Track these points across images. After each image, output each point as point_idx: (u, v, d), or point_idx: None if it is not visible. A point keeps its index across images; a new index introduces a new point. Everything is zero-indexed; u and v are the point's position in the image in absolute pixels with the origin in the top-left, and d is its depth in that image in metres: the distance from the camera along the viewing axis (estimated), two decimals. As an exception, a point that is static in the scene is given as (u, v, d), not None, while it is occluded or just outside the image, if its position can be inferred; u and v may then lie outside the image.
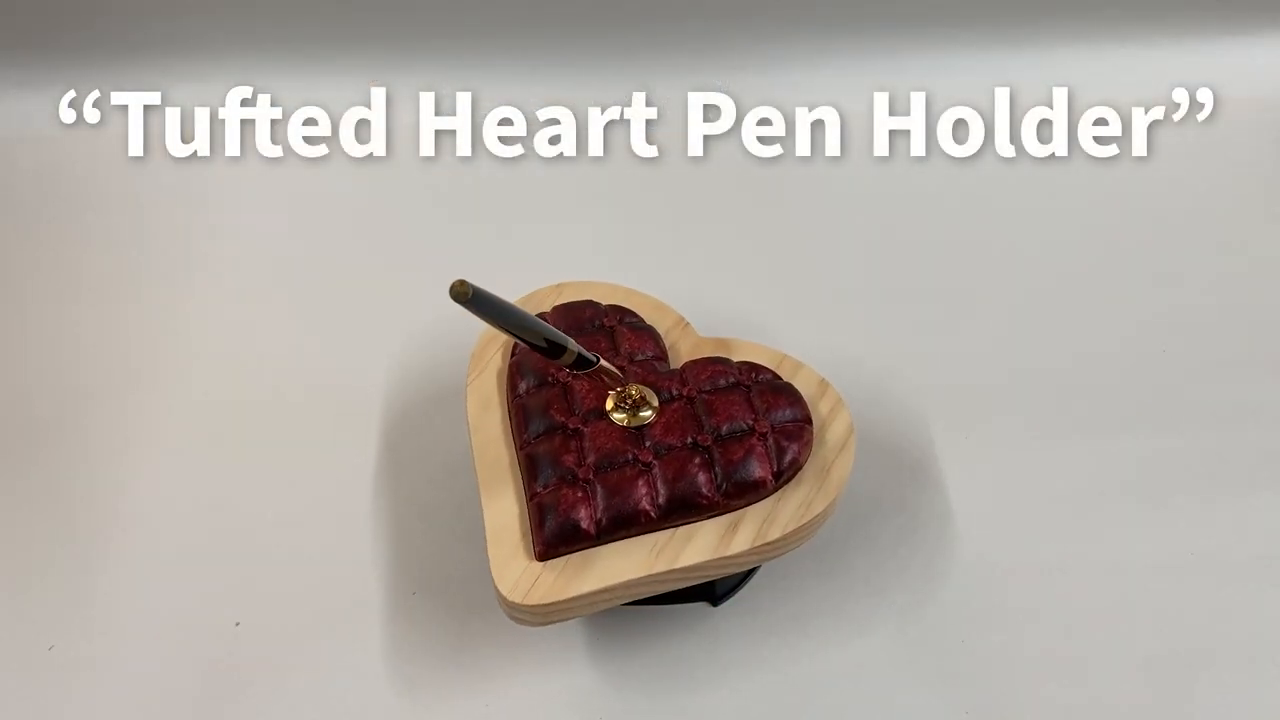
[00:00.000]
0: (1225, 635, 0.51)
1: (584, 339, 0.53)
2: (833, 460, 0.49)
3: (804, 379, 0.52)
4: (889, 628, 0.52)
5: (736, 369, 0.51)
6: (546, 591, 0.44)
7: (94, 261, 0.73)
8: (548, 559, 0.45)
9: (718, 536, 0.46)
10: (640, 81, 0.82)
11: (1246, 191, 0.76)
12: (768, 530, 0.46)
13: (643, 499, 0.46)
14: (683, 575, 0.46)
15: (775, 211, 0.76)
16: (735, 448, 0.48)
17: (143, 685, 0.50)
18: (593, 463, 0.48)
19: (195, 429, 0.62)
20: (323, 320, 0.68)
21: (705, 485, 0.47)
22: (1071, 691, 0.49)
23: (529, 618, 0.45)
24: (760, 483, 0.47)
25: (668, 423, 0.49)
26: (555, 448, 0.48)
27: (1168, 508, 0.57)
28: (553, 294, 0.57)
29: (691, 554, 0.46)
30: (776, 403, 0.49)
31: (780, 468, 0.48)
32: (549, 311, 0.56)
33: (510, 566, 0.45)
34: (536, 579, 0.45)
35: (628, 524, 0.46)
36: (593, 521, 0.46)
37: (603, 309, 0.55)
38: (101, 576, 0.55)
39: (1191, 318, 0.67)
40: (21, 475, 0.59)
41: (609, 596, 0.45)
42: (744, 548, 0.46)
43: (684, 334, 0.55)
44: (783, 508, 0.47)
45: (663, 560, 0.45)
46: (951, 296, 0.69)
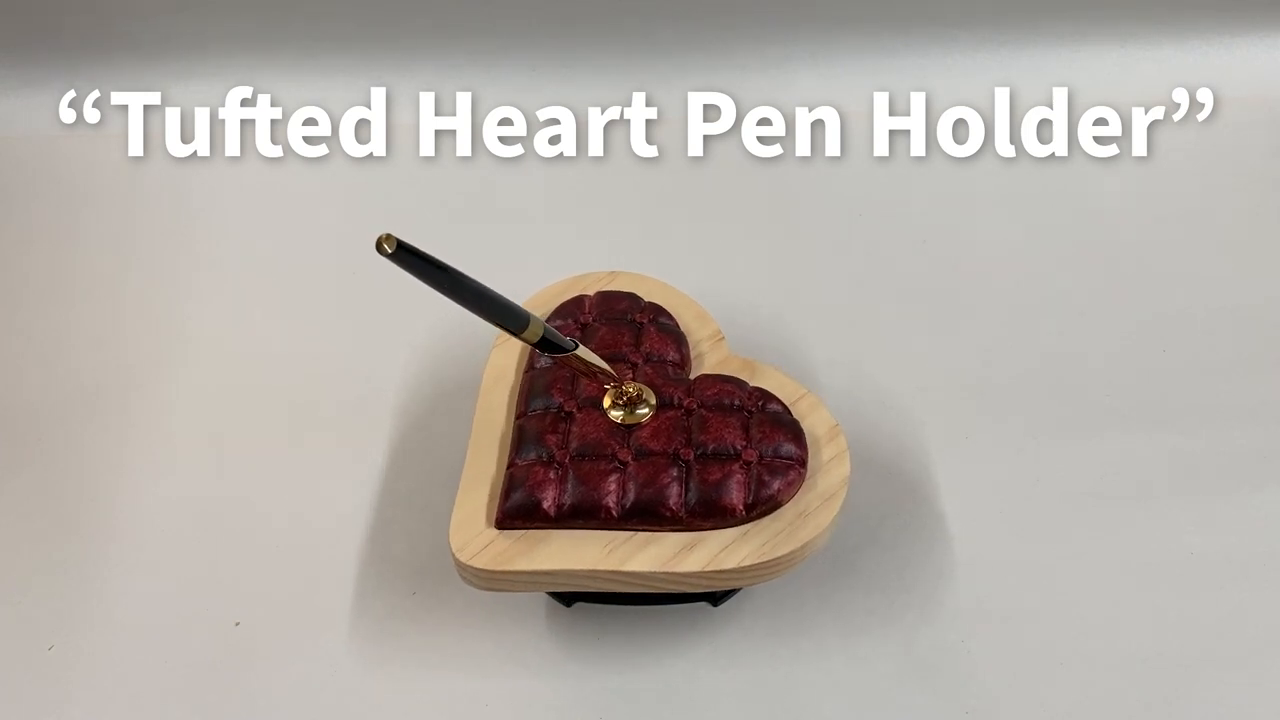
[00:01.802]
0: (1225, 635, 0.51)
1: (609, 328, 0.53)
2: (815, 508, 0.47)
3: (817, 420, 0.50)
4: (889, 628, 0.52)
5: (746, 393, 0.50)
6: (492, 559, 0.45)
7: (94, 261, 0.73)
8: (504, 529, 0.47)
9: (673, 552, 0.46)
10: (640, 81, 0.82)
11: (1246, 191, 0.76)
12: (724, 559, 0.45)
13: (608, 495, 0.46)
14: (628, 580, 0.46)
15: (775, 211, 0.76)
16: (714, 469, 0.47)
17: (143, 685, 0.50)
18: (573, 449, 0.48)
19: (195, 429, 0.62)
20: (323, 320, 0.68)
21: (673, 498, 0.46)
22: (1072, 691, 0.49)
23: (474, 580, 0.46)
24: (729, 509, 0.46)
25: (657, 428, 0.48)
26: (544, 426, 0.49)
27: (1168, 508, 0.56)
28: (604, 279, 0.57)
29: (641, 561, 0.45)
30: (773, 436, 0.48)
31: (755, 500, 0.46)
32: (591, 295, 0.56)
33: (467, 526, 0.47)
34: (488, 545, 0.46)
35: (587, 515, 0.46)
36: (555, 504, 0.47)
37: (640, 304, 0.55)
38: (101, 576, 0.55)
39: (1191, 318, 0.67)
40: (22, 475, 0.59)
41: (553, 581, 0.46)
42: (695, 569, 0.45)
43: (714, 347, 0.55)
44: (746, 541, 0.46)
45: (612, 559, 0.45)
46: (951, 296, 0.69)
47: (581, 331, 0.54)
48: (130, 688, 0.50)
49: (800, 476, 0.47)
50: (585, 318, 0.55)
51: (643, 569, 0.45)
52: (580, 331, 0.54)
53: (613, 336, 0.53)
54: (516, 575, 0.45)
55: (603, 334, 0.53)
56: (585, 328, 0.54)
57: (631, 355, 0.52)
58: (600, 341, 0.53)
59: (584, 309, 0.55)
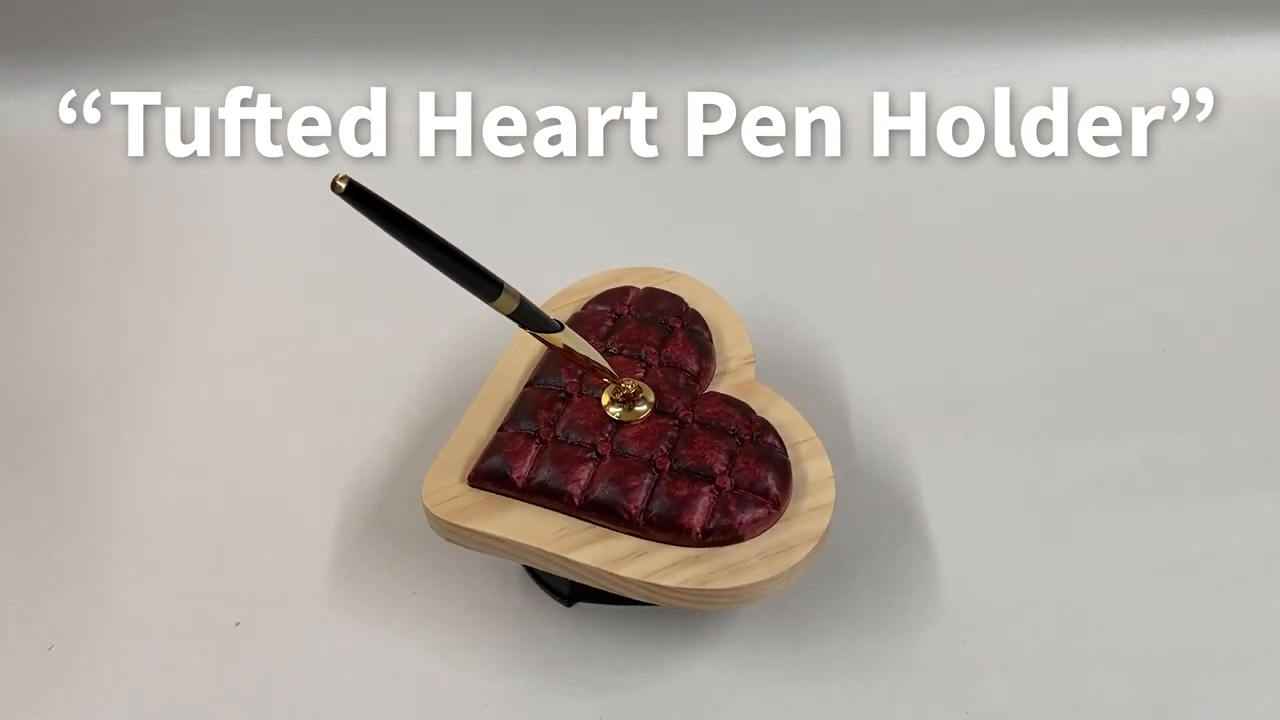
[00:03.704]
0: (1225, 635, 0.51)
1: (640, 325, 0.53)
2: (775, 553, 0.45)
3: (813, 467, 0.48)
4: (889, 628, 0.52)
5: (747, 421, 0.49)
6: (452, 512, 0.47)
7: (93, 261, 0.73)
8: (474, 487, 0.48)
9: (620, 554, 0.45)
10: (640, 81, 0.82)
11: (1246, 191, 0.76)
12: (664, 575, 0.44)
13: (575, 483, 0.47)
14: (573, 569, 0.46)
15: (775, 212, 0.76)
16: (684, 485, 0.46)
17: (143, 685, 0.50)
18: (559, 429, 0.49)
19: (195, 429, 0.62)
20: (323, 320, 0.68)
21: (634, 502, 0.46)
22: (1072, 691, 0.49)
23: (436, 529, 0.48)
24: (685, 528, 0.45)
25: (643, 431, 0.48)
26: (541, 401, 0.50)
27: (1167, 508, 0.56)
28: (660, 277, 0.57)
29: (586, 555, 0.45)
30: (756, 469, 0.46)
31: (715, 526, 0.45)
32: (639, 289, 0.56)
33: (442, 476, 0.48)
34: (454, 498, 0.48)
35: (550, 496, 0.47)
36: (524, 477, 0.47)
37: (681, 309, 0.55)
38: (101, 576, 0.55)
39: (1191, 318, 0.67)
40: (22, 474, 0.59)
41: (504, 549, 0.47)
42: (634, 577, 0.45)
43: (741, 369, 0.53)
44: (693, 565, 0.45)
45: (560, 545, 0.46)
46: (950, 296, 0.69)
47: (614, 321, 0.54)
48: (130, 688, 0.50)
49: (770, 517, 0.46)
50: (623, 309, 0.55)
51: (586, 562, 0.45)
52: (613, 321, 0.54)
53: (639, 333, 0.53)
54: (471, 533, 0.47)
55: (631, 328, 0.53)
56: (619, 318, 0.54)
57: (650, 355, 0.52)
58: (626, 335, 0.53)
59: (625, 300, 0.55)
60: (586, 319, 0.54)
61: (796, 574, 0.45)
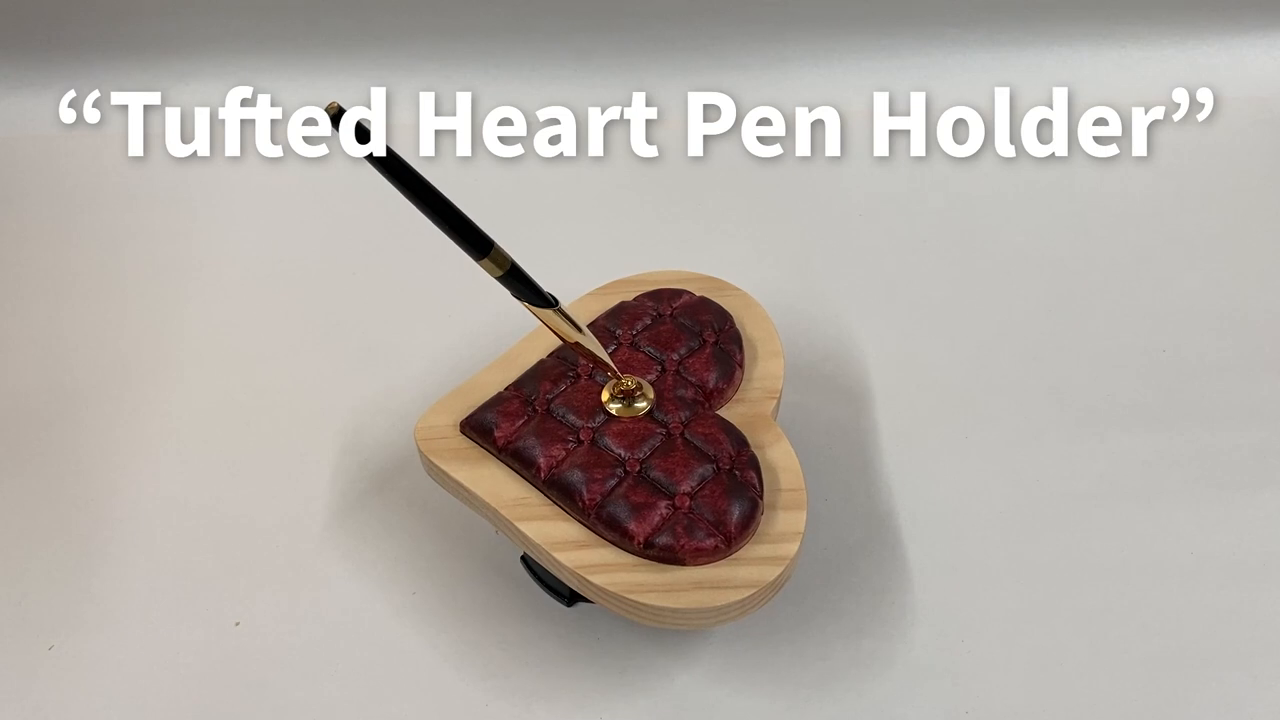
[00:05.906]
0: (1225, 635, 0.51)
1: (674, 329, 0.53)
2: (710, 587, 0.44)
3: (785, 518, 0.46)
4: (889, 627, 0.52)
5: (734, 451, 0.48)
6: (434, 449, 0.49)
7: (93, 261, 0.73)
8: (464, 434, 0.50)
9: (563, 538, 0.46)
10: (640, 81, 0.82)
11: (1246, 191, 0.76)
12: (595, 572, 0.45)
13: (547, 459, 0.48)
14: (519, 538, 0.47)
15: (775, 212, 0.76)
16: (642, 493, 0.46)
17: (143, 685, 0.50)
18: (553, 404, 0.50)
19: (195, 428, 0.62)
20: (323, 320, 0.68)
21: (591, 494, 0.46)
22: (1071, 691, 0.49)
23: (422, 461, 0.50)
24: (628, 534, 0.45)
25: (627, 430, 0.48)
26: (552, 373, 0.51)
27: (1167, 508, 0.56)
28: (709, 285, 0.57)
29: (534, 529, 0.46)
30: (720, 501, 0.45)
31: (657, 542, 0.44)
32: (693, 296, 0.55)
33: (442, 415, 0.51)
34: (441, 437, 0.50)
35: (523, 464, 0.48)
36: (505, 438, 0.49)
37: (723, 326, 0.54)
38: (101, 576, 0.55)
39: (1191, 318, 0.67)
40: (22, 474, 0.59)
41: (469, 499, 0.49)
42: (569, 564, 0.45)
43: (761, 400, 0.52)
44: (628, 572, 0.44)
45: (515, 512, 0.47)
46: (950, 296, 0.69)
47: (653, 319, 0.54)
48: (130, 688, 0.50)
49: (717, 551, 0.44)
50: (668, 310, 0.55)
51: (531, 536, 0.46)
52: (652, 318, 0.54)
53: (669, 336, 0.53)
54: (444, 476, 0.49)
55: (665, 329, 0.53)
56: (659, 317, 0.54)
57: (668, 360, 0.52)
58: (657, 334, 0.53)
59: (675, 302, 0.55)
60: (630, 309, 0.55)
61: (728, 616, 0.44)
